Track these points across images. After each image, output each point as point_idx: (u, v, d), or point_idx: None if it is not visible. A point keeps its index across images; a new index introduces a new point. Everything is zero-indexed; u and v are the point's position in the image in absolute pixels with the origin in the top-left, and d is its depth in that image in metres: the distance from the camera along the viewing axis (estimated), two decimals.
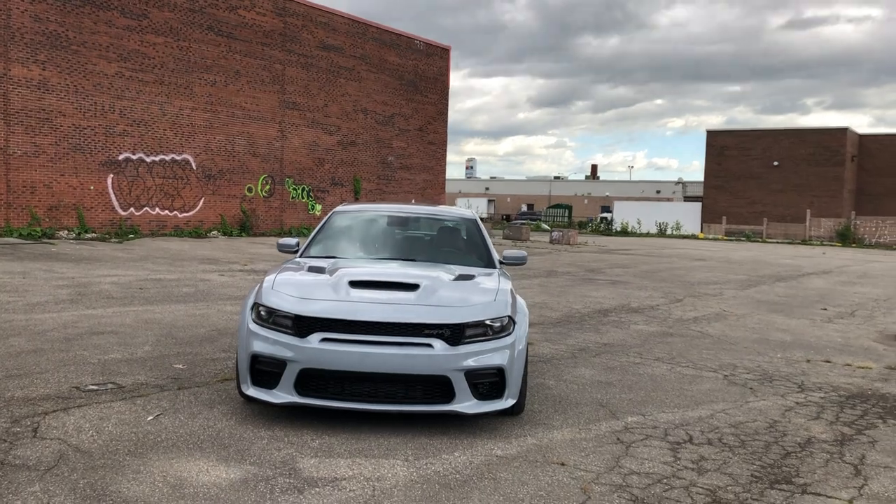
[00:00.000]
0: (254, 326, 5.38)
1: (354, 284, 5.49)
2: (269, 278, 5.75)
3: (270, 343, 5.22)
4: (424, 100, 35.89)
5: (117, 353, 7.32)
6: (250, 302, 5.56)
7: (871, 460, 5.22)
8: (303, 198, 29.65)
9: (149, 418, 5.29)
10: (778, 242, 48.86)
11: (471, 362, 5.18)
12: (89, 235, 22.05)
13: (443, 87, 37.07)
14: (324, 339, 5.13)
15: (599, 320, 11.28)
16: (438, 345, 5.14)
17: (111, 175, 23.38)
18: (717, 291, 16.41)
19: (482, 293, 5.58)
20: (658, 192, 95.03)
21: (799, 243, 48.60)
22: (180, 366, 6.95)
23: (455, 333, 5.20)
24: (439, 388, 5.18)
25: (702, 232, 57.14)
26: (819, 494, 4.50)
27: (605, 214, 78.51)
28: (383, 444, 5.01)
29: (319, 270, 5.91)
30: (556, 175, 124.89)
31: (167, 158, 24.93)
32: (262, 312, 5.38)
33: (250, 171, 27.69)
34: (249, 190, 27.70)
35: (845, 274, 23.30)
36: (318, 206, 30.32)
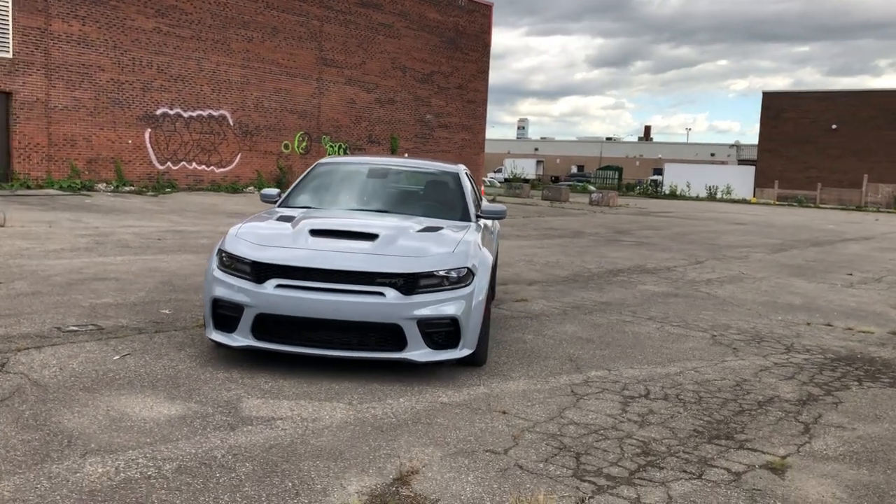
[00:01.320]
0: (217, 272, 5.51)
1: (315, 233, 5.57)
2: (235, 226, 5.87)
3: (230, 288, 5.35)
4: (465, 57, 35.55)
5: (110, 298, 7.56)
6: (216, 249, 5.69)
7: (826, 420, 5.15)
8: (339, 154, 29.82)
9: (115, 358, 5.49)
10: (831, 208, 47.49)
11: (424, 311, 5.23)
12: (127, 189, 22.60)
13: (484, 45, 36.64)
14: (279, 286, 5.23)
15: (607, 280, 11.20)
16: (391, 293, 5.20)
17: (149, 129, 23.84)
18: (744, 255, 16.11)
19: (442, 244, 5.60)
20: (713, 154, 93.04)
21: (853, 209, 47.17)
22: (167, 311, 7.15)
23: (408, 283, 5.25)
24: (392, 335, 5.25)
25: (754, 196, 55.83)
26: (755, 450, 4.47)
27: (655, 177, 77.17)
28: (334, 388, 5.11)
29: (287, 219, 6.00)
30: (609, 136, 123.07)
31: (204, 114, 25.28)
32: (225, 259, 5.51)
33: (287, 127, 27.93)
34: (286, 147, 27.97)
35: (888, 240, 22.61)
36: None
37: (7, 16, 20.27)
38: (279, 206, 6.82)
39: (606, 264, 13.07)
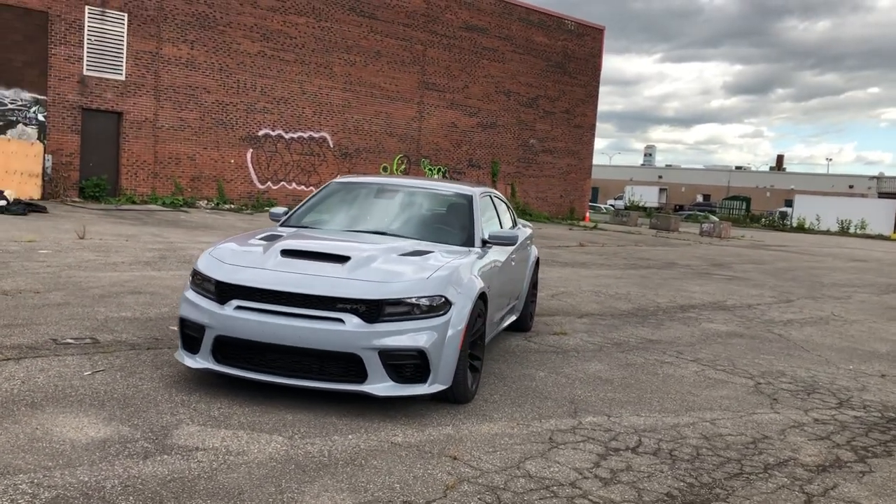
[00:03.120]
0: (188, 291, 5.36)
1: (286, 253, 5.32)
2: (213, 245, 5.70)
3: (195, 308, 5.18)
4: (573, 81, 34.93)
5: (130, 312, 7.59)
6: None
7: (840, 493, 4.39)
8: (438, 178, 29.82)
9: (86, 373, 5.40)
10: None
11: (387, 341, 4.86)
12: (227, 206, 23.36)
13: (594, 69, 35.90)
14: (238, 308, 5.01)
15: (671, 315, 10.43)
16: (352, 320, 4.86)
17: (251, 150, 24.61)
18: (846, 294, 14.75)
19: (418, 270, 5.21)
20: (851, 186, 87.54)
21: None
22: (174, 328, 7.08)
23: (371, 310, 4.90)
24: (354, 366, 4.91)
25: (895, 232, 51.76)
26: None
27: (784, 209, 73.32)
28: (287, 418, 4.81)
29: (270, 239, 5.78)
30: (738, 165, 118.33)
31: (305, 136, 25.89)
32: (196, 277, 5.34)
33: (386, 150, 28.20)
34: (385, 169, 28.23)
35: None
36: None
37: (122, 41, 21.47)
38: (280, 226, 6.64)
39: (681, 299, 12.23)
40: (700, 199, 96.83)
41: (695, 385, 6.67)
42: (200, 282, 5.27)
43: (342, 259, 5.22)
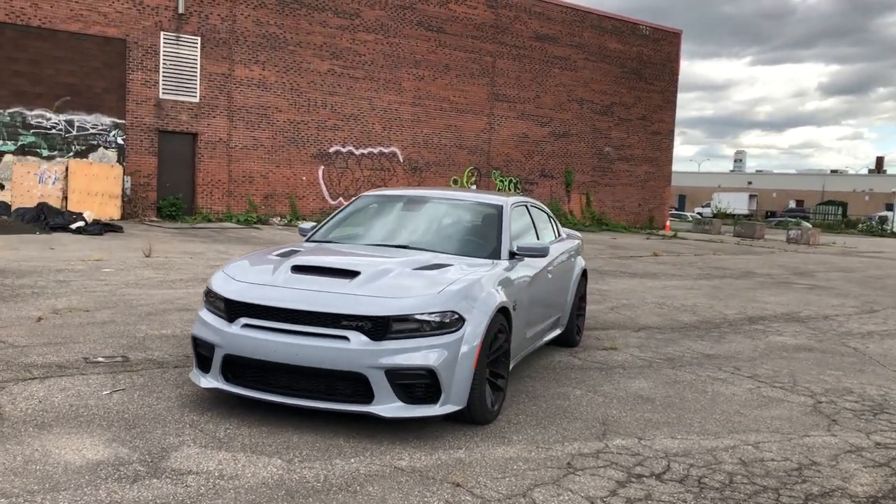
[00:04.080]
0: (202, 310, 5.29)
1: (296, 269, 5.18)
2: (229, 262, 5.63)
3: (205, 326, 5.10)
4: (649, 87, 34.09)
5: (170, 330, 7.62)
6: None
7: None
8: (510, 189, 29.53)
9: (103, 392, 5.39)
10: None
11: (394, 360, 4.65)
12: (299, 223, 23.70)
13: (671, 74, 34.96)
14: (245, 325, 4.90)
15: (737, 328, 9.85)
16: (357, 338, 4.67)
17: (322, 166, 24.92)
18: None
19: (430, 285, 4.99)
20: None
21: None
22: None
23: (378, 327, 4.70)
24: (360, 386, 4.72)
25: None
26: None
27: (885, 213, 69.64)
28: (292, 440, 4.66)
29: (287, 255, 5.66)
30: (834, 169, 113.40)
31: (375, 151, 26.06)
32: (209, 295, 5.27)
33: (456, 163, 28.10)
34: (455, 182, 28.13)
35: None
36: None
37: (196, 64, 22.12)
38: (306, 241, 6.53)
39: (752, 310, 11.58)
40: (792, 204, 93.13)
41: (745, 404, 6.20)
42: (213, 300, 5.19)
43: (352, 274, 5.05)
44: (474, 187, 28.41)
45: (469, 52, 27.93)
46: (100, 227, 16.97)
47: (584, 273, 8.33)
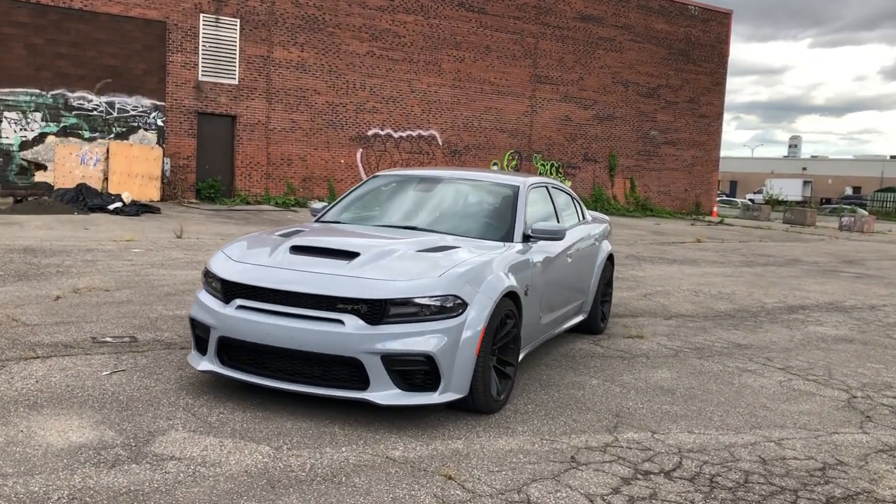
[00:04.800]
0: (201, 291, 5.16)
1: (295, 250, 5.00)
2: (229, 242, 5.47)
3: (202, 308, 4.97)
4: (697, 69, 33.18)
5: (185, 311, 7.52)
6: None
7: None
8: (551, 174, 29.06)
9: (103, 373, 5.30)
10: None
11: (391, 345, 4.45)
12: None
13: (720, 56, 33.97)
14: (240, 307, 4.74)
15: (774, 318, 9.43)
16: (352, 322, 4.48)
17: (360, 149, 24.81)
18: None
19: (431, 267, 4.76)
20: None
21: None
22: None
23: (374, 310, 4.49)
24: (357, 372, 4.52)
25: None
26: None
27: None
28: (285, 426, 4.49)
29: (288, 235, 5.48)
30: (894, 154, 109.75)
31: (414, 134, 25.84)
32: (207, 276, 5.13)
33: (496, 146, 27.74)
34: (495, 165, 27.78)
35: None
36: (568, 183, 29.51)
37: (235, 46, 22.13)
38: (315, 221, 6.36)
39: (792, 299, 11.11)
40: (849, 191, 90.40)
41: (773, 397, 5.85)
42: (210, 280, 5.05)
43: (351, 255, 4.85)
44: (513, 171, 28.05)
45: (511, 33, 27.47)
46: (136, 208, 17.11)
47: (611, 258, 8.02)
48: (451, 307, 4.59)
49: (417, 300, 4.53)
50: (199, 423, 4.48)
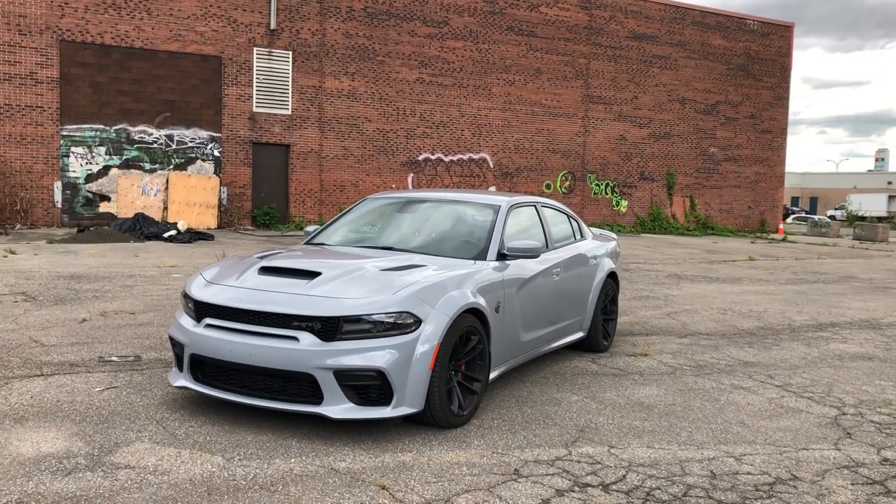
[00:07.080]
0: (179, 310, 5.46)
1: (264, 271, 5.25)
2: (210, 265, 5.77)
3: (178, 327, 5.25)
4: (758, 84, 32.51)
5: None
6: None
7: None
8: (606, 193, 28.87)
9: (95, 390, 5.64)
10: None
11: (343, 361, 4.63)
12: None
13: (782, 69, 33.22)
14: (208, 325, 5.01)
15: (797, 335, 9.23)
16: (306, 339, 4.68)
17: (411, 174, 25.22)
18: None
19: (386, 286, 4.93)
20: None
21: None
22: None
23: (328, 327, 4.69)
24: (311, 386, 4.72)
25: None
26: None
27: None
28: (244, 439, 4.71)
29: (264, 257, 5.75)
30: None
31: (465, 158, 26.11)
32: (185, 297, 5.43)
33: (549, 167, 27.75)
34: (548, 186, 27.78)
35: None
36: (624, 202, 29.25)
37: (288, 77, 22.91)
38: (305, 243, 6.62)
39: (827, 316, 10.81)
40: None
41: (755, 414, 5.78)
42: (188, 301, 5.34)
43: (312, 275, 5.07)
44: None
45: (561, 55, 27.56)
46: (190, 236, 17.83)
47: (613, 275, 8.01)
48: (403, 324, 4.75)
49: (370, 317, 4.71)
50: (166, 435, 4.74)
